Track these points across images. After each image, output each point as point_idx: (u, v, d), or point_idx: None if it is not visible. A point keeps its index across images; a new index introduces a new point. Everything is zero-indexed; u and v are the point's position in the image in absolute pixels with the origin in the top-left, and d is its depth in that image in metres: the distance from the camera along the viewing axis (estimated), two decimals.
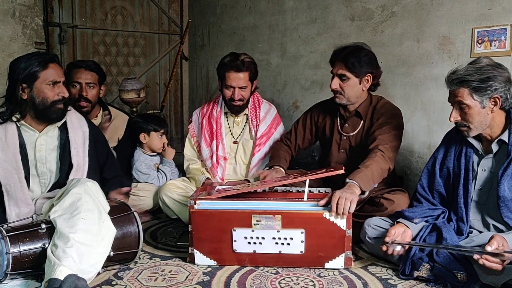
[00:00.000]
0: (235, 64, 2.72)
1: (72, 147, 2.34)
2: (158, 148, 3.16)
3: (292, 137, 2.81)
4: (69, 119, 2.38)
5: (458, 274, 1.86)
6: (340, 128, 2.65)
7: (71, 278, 1.66)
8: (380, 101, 2.59)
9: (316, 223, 2.02)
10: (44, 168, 2.30)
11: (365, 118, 2.57)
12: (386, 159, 2.29)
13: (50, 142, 2.32)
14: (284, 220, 2.03)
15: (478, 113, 1.94)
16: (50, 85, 2.22)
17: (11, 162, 2.20)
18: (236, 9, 4.18)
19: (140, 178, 3.06)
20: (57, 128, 2.35)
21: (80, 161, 2.34)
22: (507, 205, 1.92)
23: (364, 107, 2.57)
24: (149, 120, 3.17)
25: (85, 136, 2.40)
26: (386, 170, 2.29)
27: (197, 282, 1.97)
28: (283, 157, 2.69)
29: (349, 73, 2.46)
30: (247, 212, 2.05)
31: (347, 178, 2.16)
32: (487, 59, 1.96)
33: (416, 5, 2.91)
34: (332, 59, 2.55)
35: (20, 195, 2.20)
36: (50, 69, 2.22)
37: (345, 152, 2.63)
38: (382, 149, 2.30)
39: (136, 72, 4.57)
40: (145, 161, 3.09)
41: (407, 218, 2.05)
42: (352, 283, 1.98)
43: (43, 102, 2.22)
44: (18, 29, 3.51)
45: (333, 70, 2.53)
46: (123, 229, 2.07)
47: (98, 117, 3.10)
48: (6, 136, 2.22)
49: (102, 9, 4.35)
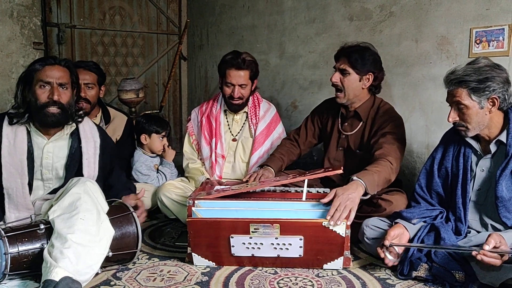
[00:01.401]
0: (236, 62, 2.73)
1: (84, 157, 2.27)
2: (158, 150, 3.16)
3: (302, 133, 2.82)
4: (82, 128, 2.31)
5: (457, 274, 1.87)
6: (340, 126, 2.67)
7: (65, 280, 1.66)
8: (383, 105, 2.58)
9: (315, 230, 1.99)
10: (50, 174, 2.25)
11: (365, 119, 2.57)
12: (393, 171, 2.29)
13: (59, 150, 2.25)
14: (283, 228, 2.00)
15: (476, 114, 1.94)
16: (41, 86, 2.14)
17: (16, 166, 2.15)
18: (234, 9, 4.18)
19: (139, 179, 3.06)
20: (68, 137, 2.29)
21: (91, 172, 2.28)
22: (505, 205, 1.92)
23: (365, 109, 2.58)
24: (151, 121, 3.16)
25: (96, 146, 2.33)
26: (389, 181, 2.30)
27: (196, 282, 1.97)
28: (278, 156, 2.71)
29: (351, 68, 2.48)
30: (244, 221, 2.01)
31: (355, 176, 2.14)
32: (485, 60, 1.96)
33: (414, 5, 2.91)
34: (337, 54, 2.58)
35: (21, 200, 2.17)
36: (45, 70, 2.15)
37: (342, 150, 2.65)
38: (391, 160, 2.29)
39: (134, 72, 4.57)
40: (145, 162, 3.09)
41: (405, 219, 2.05)
42: (351, 283, 1.98)
43: (35, 104, 2.14)
44: (16, 29, 3.51)
45: (336, 65, 2.56)
46: (121, 229, 2.06)
47: (97, 117, 3.09)
48: (15, 140, 2.17)
49: (100, 9, 4.35)
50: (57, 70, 2.17)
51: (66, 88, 2.20)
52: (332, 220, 1.97)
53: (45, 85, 2.15)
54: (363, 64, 2.48)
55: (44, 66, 2.16)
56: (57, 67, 2.18)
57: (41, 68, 2.15)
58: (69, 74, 2.22)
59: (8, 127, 2.18)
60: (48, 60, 2.20)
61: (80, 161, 2.28)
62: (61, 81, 2.17)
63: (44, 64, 2.17)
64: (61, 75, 2.17)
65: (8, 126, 2.18)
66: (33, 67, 2.17)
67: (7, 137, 2.17)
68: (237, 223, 2.01)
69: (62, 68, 2.19)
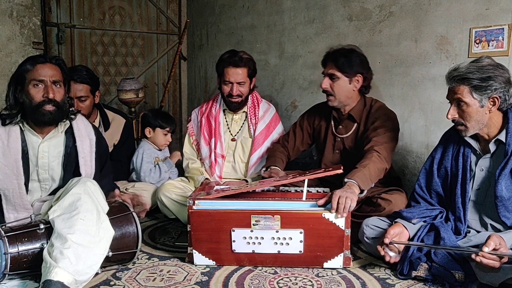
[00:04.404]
0: (233, 59, 2.75)
1: (80, 156, 2.26)
2: (161, 145, 3.18)
3: (291, 139, 2.82)
4: (76, 126, 2.29)
5: (456, 274, 1.87)
6: (334, 130, 2.67)
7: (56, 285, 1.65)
8: (374, 104, 2.59)
9: (315, 223, 2.03)
10: (46, 174, 2.24)
11: (359, 121, 2.58)
12: (382, 159, 2.30)
13: (54, 148, 2.24)
14: (283, 220, 2.04)
15: (476, 112, 1.94)
16: (35, 85, 2.13)
17: (11, 167, 2.14)
18: (234, 9, 4.18)
19: (135, 164, 3.08)
20: (62, 135, 2.28)
21: (88, 171, 2.28)
22: (504, 205, 1.92)
23: (358, 110, 2.59)
24: (158, 116, 3.20)
25: (92, 144, 2.32)
26: (383, 170, 2.31)
27: (196, 282, 1.97)
28: (279, 157, 2.71)
29: (339, 72, 2.49)
30: (246, 212, 2.06)
31: (346, 178, 2.17)
32: (489, 59, 1.96)
33: (414, 5, 2.91)
34: (323, 60, 2.59)
35: (18, 200, 2.16)
36: (37, 69, 2.12)
37: (339, 153, 2.66)
38: (378, 149, 2.32)
39: (134, 72, 4.57)
40: (147, 151, 3.11)
41: (405, 219, 2.06)
42: (350, 282, 1.98)
43: (30, 104, 2.13)
44: (15, 29, 3.51)
45: (324, 71, 2.57)
46: (122, 229, 2.07)
47: (95, 122, 3.05)
48: (9, 140, 2.15)
49: (100, 9, 4.35)
50: (49, 68, 2.16)
51: (59, 86, 2.19)
52: (337, 212, 1.99)
53: (38, 84, 2.13)
54: (350, 66, 2.48)
55: (35, 65, 2.14)
56: (48, 65, 2.16)
57: (32, 68, 2.13)
58: (60, 71, 2.21)
59: (1, 128, 2.16)
60: (39, 59, 2.17)
61: (76, 160, 2.27)
62: (55, 78, 2.16)
63: (35, 63, 2.14)
64: (54, 73, 2.16)
65: (0, 127, 2.17)
66: (24, 67, 2.14)
67: (0, 138, 2.15)
68: (238, 214, 2.05)
69: (53, 66, 2.18)
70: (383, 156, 2.31)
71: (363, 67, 2.53)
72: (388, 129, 2.45)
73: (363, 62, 2.53)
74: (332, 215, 2.02)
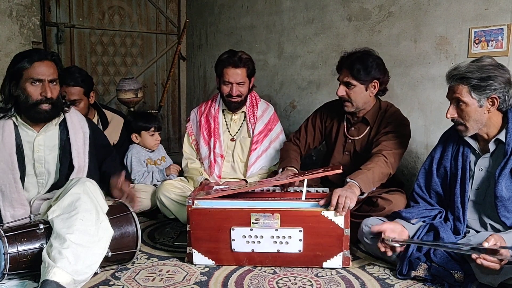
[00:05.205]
0: (232, 60, 2.74)
1: (73, 148, 2.28)
2: (151, 146, 3.17)
3: (302, 137, 2.79)
4: (70, 119, 2.32)
5: (456, 274, 1.87)
6: (346, 131, 2.65)
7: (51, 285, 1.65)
8: (389, 108, 2.57)
9: (315, 221, 2.03)
10: (43, 168, 2.26)
11: (372, 124, 2.56)
12: (388, 164, 2.29)
13: (49, 141, 2.27)
14: (283, 218, 2.04)
15: (475, 112, 1.94)
16: (33, 83, 2.14)
17: (6, 161, 2.15)
18: (233, 9, 4.18)
19: (127, 168, 3.07)
20: (56, 127, 2.30)
21: (81, 163, 2.29)
22: (504, 205, 1.92)
23: (372, 114, 2.57)
24: (138, 118, 3.17)
25: (86, 137, 2.35)
26: (387, 175, 2.30)
27: (195, 282, 1.97)
28: (294, 157, 2.67)
29: (355, 80, 2.44)
30: (245, 210, 2.06)
31: (348, 178, 2.16)
32: (490, 59, 1.96)
33: (413, 5, 2.91)
34: (338, 66, 2.54)
35: (15, 195, 2.16)
36: (35, 67, 2.13)
37: (349, 155, 2.63)
38: (385, 154, 2.31)
39: (133, 72, 4.57)
40: (136, 154, 3.09)
41: (405, 219, 2.06)
42: (350, 282, 1.98)
43: (26, 101, 2.14)
44: (15, 29, 3.51)
45: (339, 77, 2.51)
46: (121, 229, 2.07)
47: (94, 120, 3.06)
48: (3, 135, 2.17)
49: (99, 9, 4.35)
50: (47, 66, 2.16)
51: (56, 83, 2.21)
52: (336, 210, 2.00)
53: (36, 82, 2.15)
54: (366, 73, 2.42)
55: (33, 63, 2.14)
56: (46, 63, 2.17)
57: (29, 66, 2.14)
58: (57, 68, 2.22)
59: None
60: (35, 56, 2.17)
61: (70, 153, 2.28)
62: (52, 77, 2.18)
63: (33, 61, 2.14)
64: (51, 72, 2.18)
65: None
66: (22, 65, 2.14)
67: None
68: (238, 212, 2.05)
69: (51, 64, 2.19)
70: (390, 161, 2.30)
71: (379, 72, 2.47)
72: (399, 135, 2.43)
73: (379, 66, 2.47)
74: (331, 213, 2.02)
